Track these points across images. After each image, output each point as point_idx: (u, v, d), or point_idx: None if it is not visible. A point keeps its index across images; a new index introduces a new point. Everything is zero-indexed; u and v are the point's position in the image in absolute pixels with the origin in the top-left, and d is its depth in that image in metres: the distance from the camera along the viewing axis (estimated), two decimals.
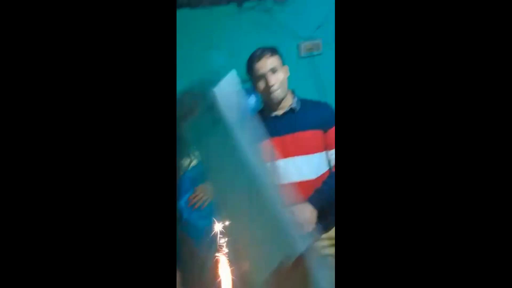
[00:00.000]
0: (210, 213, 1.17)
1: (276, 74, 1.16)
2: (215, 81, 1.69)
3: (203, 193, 1.21)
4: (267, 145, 1.20)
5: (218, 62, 1.82)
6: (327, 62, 1.94)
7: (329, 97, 1.92)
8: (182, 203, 1.22)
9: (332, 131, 1.19)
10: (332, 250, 1.19)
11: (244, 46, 1.29)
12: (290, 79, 1.86)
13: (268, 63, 1.15)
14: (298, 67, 1.93)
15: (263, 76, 1.16)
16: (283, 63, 1.22)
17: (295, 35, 1.86)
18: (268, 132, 1.20)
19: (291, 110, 1.21)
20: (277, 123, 1.20)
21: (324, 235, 1.19)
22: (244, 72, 1.30)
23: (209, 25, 1.82)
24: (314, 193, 1.15)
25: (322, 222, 1.16)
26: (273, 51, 1.19)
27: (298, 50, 1.88)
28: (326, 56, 1.90)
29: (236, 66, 1.54)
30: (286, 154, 1.17)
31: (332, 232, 1.20)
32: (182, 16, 1.79)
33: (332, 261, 1.18)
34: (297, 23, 1.85)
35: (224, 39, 1.81)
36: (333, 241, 1.19)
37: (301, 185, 1.16)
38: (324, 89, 1.89)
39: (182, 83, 1.30)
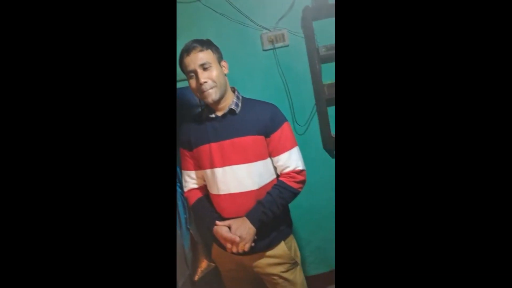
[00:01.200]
0: None
1: (209, 71, 1.02)
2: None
3: None
4: (206, 151, 1.07)
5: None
6: (295, 54, 1.81)
7: (293, 93, 1.80)
8: None
9: (275, 137, 1.05)
10: (276, 269, 1.07)
11: (205, 36, 1.14)
12: (252, 73, 1.71)
13: (198, 57, 1.01)
14: (262, 61, 1.80)
15: (194, 72, 1.02)
16: (221, 58, 1.08)
17: (258, 26, 1.70)
18: (207, 136, 1.07)
19: (231, 111, 1.07)
20: (215, 126, 1.07)
21: (269, 252, 1.08)
22: None
23: (172, 13, 1.66)
24: (254, 207, 1.03)
25: (265, 238, 1.04)
26: (206, 44, 1.04)
27: (261, 43, 1.73)
28: (293, 48, 1.75)
29: None
30: (224, 162, 1.04)
31: (277, 250, 1.08)
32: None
33: (277, 280, 1.08)
34: (260, 13, 1.70)
35: (185, 28, 1.65)
36: (279, 260, 1.08)
37: (242, 196, 1.04)
38: (287, 84, 1.75)
39: None
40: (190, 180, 1.16)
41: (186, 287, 1.15)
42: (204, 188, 1.16)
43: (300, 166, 1.07)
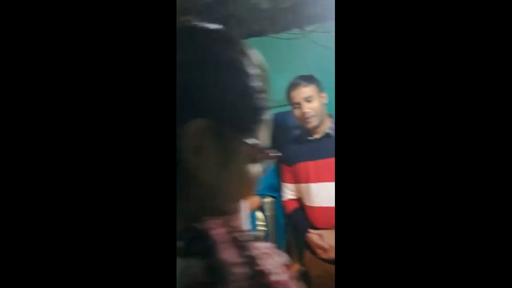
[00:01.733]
0: None
1: (311, 103, 1.22)
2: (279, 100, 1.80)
3: None
4: (303, 168, 1.26)
5: (281, 83, 1.94)
6: None
7: None
8: None
9: None
10: None
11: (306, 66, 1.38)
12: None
13: (302, 92, 1.22)
14: None
15: (298, 104, 1.24)
16: (321, 90, 1.27)
17: None
18: (304, 155, 1.26)
19: (327, 135, 1.24)
20: (312, 147, 1.25)
21: None
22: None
23: (271, 50, 1.96)
24: None
25: None
26: (309, 79, 1.25)
27: None
28: None
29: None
30: (318, 178, 1.21)
31: None
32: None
33: None
34: None
35: (285, 63, 1.92)
36: None
37: (332, 210, 1.18)
38: None
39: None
40: (288, 192, 1.36)
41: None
42: (300, 200, 1.34)
43: None
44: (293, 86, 1.25)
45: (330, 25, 1.87)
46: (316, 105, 1.22)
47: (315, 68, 1.48)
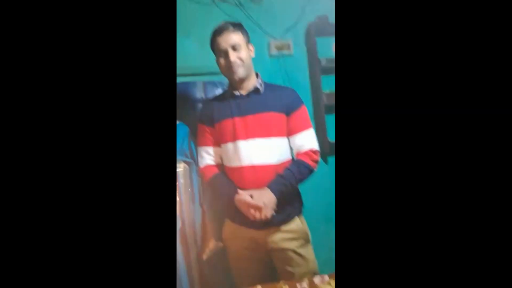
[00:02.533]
0: None
1: (238, 51, 1.10)
2: (184, 67, 1.61)
3: None
4: (229, 125, 1.11)
5: (188, 50, 1.74)
6: (297, 63, 1.95)
7: None
8: None
9: (295, 116, 1.13)
10: (291, 244, 1.10)
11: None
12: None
13: (230, 38, 1.09)
14: (267, 66, 1.92)
15: (224, 52, 1.10)
16: (249, 41, 1.17)
17: (266, 33, 1.84)
18: (230, 112, 1.12)
19: (255, 91, 1.15)
20: (240, 103, 1.13)
21: (284, 227, 1.10)
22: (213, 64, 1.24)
23: (181, 14, 1.75)
24: (275, 179, 1.07)
25: (281, 213, 1.08)
26: (238, 26, 1.13)
27: (268, 49, 1.86)
28: (296, 57, 1.90)
29: (205, 54, 1.48)
30: (247, 135, 1.09)
31: (292, 225, 1.11)
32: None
33: (291, 255, 1.09)
34: (268, 22, 1.84)
35: (195, 28, 1.74)
36: (293, 234, 1.10)
37: (263, 169, 1.08)
38: None
39: None
40: (207, 156, 1.18)
41: (194, 265, 1.12)
42: (220, 166, 1.18)
43: (315, 147, 1.15)
44: (219, 31, 1.10)
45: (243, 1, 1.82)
46: (244, 55, 1.11)
47: None
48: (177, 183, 1.10)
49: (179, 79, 1.71)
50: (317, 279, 0.93)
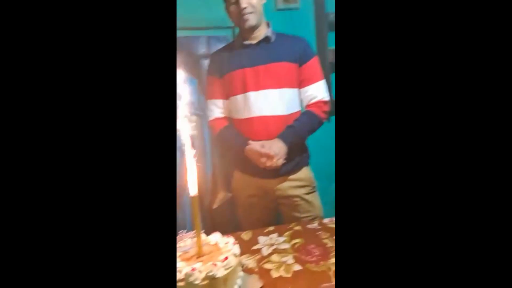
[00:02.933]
0: None
1: None
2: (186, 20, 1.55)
3: None
4: (239, 76, 1.11)
5: (191, 1, 1.67)
6: (303, 18, 1.89)
7: None
8: None
9: (307, 67, 1.12)
10: (298, 191, 1.15)
11: None
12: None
13: None
14: (273, 20, 1.86)
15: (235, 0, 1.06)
16: None
17: None
18: (240, 62, 1.11)
19: (266, 39, 1.12)
20: (250, 53, 1.11)
21: (292, 176, 1.15)
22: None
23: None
24: (285, 130, 1.09)
25: (290, 162, 1.11)
26: None
27: (275, 1, 1.79)
28: (303, 12, 1.83)
29: (208, 7, 1.42)
30: (258, 86, 1.09)
31: (300, 174, 1.16)
32: None
33: (298, 202, 1.15)
34: None
35: None
36: (301, 182, 1.15)
37: (273, 120, 1.09)
38: None
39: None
40: (216, 109, 1.19)
41: (204, 214, 1.17)
42: (228, 118, 1.19)
43: (326, 97, 1.16)
44: None
45: None
46: (255, 1, 1.08)
47: None
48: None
49: (181, 33, 1.67)
50: (326, 220, 0.99)
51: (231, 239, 0.68)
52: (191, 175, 0.61)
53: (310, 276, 0.73)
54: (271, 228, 0.94)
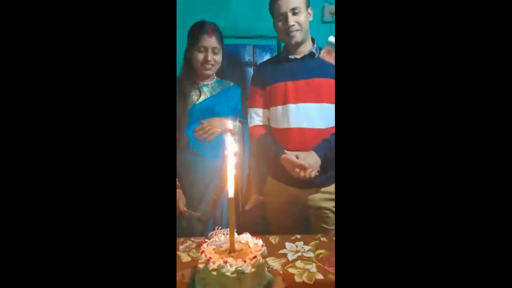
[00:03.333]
0: (216, 147, 1.16)
1: (297, 15, 1.12)
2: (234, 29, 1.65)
3: (210, 127, 1.19)
4: (281, 88, 1.17)
5: (240, 12, 1.77)
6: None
7: None
8: (189, 132, 1.21)
9: None
10: (329, 204, 1.18)
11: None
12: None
13: (291, 1, 1.11)
14: (320, 31, 1.89)
15: (284, 15, 1.12)
16: (309, 5, 1.18)
17: None
18: (283, 75, 1.17)
19: (310, 55, 1.18)
20: (293, 67, 1.17)
21: (324, 188, 1.18)
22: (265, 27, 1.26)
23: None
24: (321, 143, 1.13)
25: (324, 174, 1.15)
26: None
27: (322, 14, 1.83)
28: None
29: (256, 17, 1.50)
30: (298, 99, 1.14)
31: (332, 187, 1.19)
32: None
33: (328, 214, 1.18)
34: None
35: None
36: (332, 195, 1.18)
37: (310, 132, 1.14)
38: None
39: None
40: (256, 117, 1.26)
41: (238, 214, 1.25)
42: (266, 127, 1.26)
43: None
44: None
45: None
46: (302, 19, 1.13)
47: None
48: (232, 138, 1.22)
49: (229, 41, 1.77)
50: None
51: (260, 241, 0.74)
52: (230, 179, 0.68)
53: (330, 287, 0.76)
54: (298, 236, 0.99)
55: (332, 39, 1.07)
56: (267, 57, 1.85)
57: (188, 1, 1.67)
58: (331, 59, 1.06)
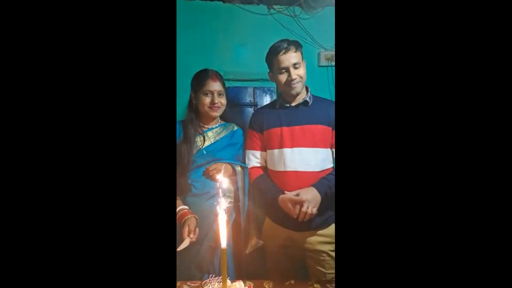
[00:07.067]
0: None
1: (298, 69, 1.20)
2: (237, 72, 1.74)
3: (216, 170, 1.21)
4: (277, 133, 1.22)
5: (243, 57, 1.89)
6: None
7: None
8: (193, 176, 1.24)
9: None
10: (325, 247, 1.18)
11: (268, 44, 1.33)
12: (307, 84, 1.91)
13: (292, 57, 1.19)
14: (315, 76, 1.99)
15: (286, 70, 1.20)
16: (303, 58, 1.26)
17: (317, 44, 1.91)
18: (279, 121, 1.23)
19: (304, 103, 1.24)
20: (289, 114, 1.23)
21: (321, 231, 1.19)
22: (261, 67, 1.35)
23: (238, 21, 1.90)
24: (320, 180, 1.16)
25: (321, 216, 1.16)
26: (298, 46, 1.23)
27: (317, 59, 1.93)
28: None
29: (257, 62, 1.59)
30: (293, 144, 1.19)
31: (329, 230, 1.19)
32: (214, 8, 1.89)
33: (324, 258, 1.17)
34: (320, 33, 1.91)
35: (251, 37, 1.88)
36: (329, 238, 1.18)
37: (306, 175, 1.17)
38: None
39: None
40: (253, 159, 1.30)
41: (237, 259, 1.25)
42: (264, 168, 1.30)
43: None
44: (282, 50, 1.20)
45: (295, 9, 1.91)
46: (302, 72, 1.21)
47: None
48: (236, 184, 1.26)
49: (231, 83, 1.87)
50: None
51: None
52: (222, 230, 0.71)
53: None
54: (292, 281, 0.98)
55: None
56: (267, 98, 1.93)
57: (189, 50, 1.80)
58: None
